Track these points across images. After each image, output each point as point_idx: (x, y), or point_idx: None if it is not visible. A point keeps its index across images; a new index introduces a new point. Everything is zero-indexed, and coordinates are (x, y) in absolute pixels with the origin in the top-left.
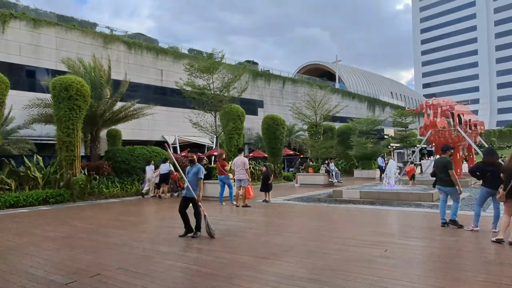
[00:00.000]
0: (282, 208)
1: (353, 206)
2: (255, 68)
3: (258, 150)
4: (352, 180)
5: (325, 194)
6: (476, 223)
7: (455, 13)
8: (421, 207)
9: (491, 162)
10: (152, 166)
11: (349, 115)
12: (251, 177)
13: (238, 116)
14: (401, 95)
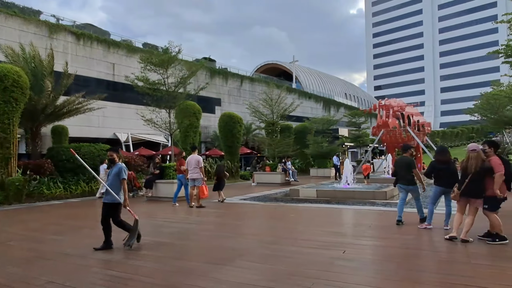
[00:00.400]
0: (238, 208)
1: (310, 205)
2: (212, 66)
3: (215, 148)
4: (308, 179)
5: (282, 193)
6: (430, 221)
7: (404, 19)
8: (375, 205)
9: (444, 160)
10: (105, 165)
11: (305, 115)
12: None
13: (194, 113)
14: (355, 96)
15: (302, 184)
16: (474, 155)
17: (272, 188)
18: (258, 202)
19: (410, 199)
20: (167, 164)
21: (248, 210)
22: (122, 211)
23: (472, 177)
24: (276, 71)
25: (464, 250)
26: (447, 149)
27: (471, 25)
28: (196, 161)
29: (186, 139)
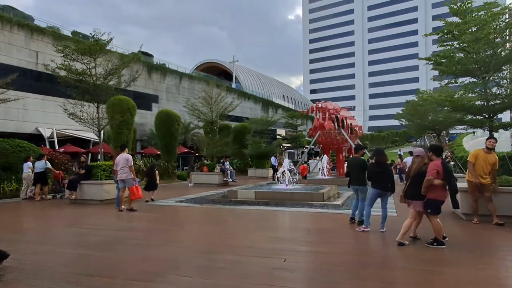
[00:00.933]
0: (173, 212)
1: (248, 207)
2: (150, 61)
3: (151, 147)
4: (246, 179)
5: (220, 195)
6: (367, 223)
7: (337, 28)
8: (313, 207)
9: (381, 162)
10: (30, 163)
11: (244, 115)
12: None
13: (128, 109)
14: (292, 98)
15: (240, 185)
16: (417, 160)
17: (209, 189)
18: (195, 205)
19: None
20: (95, 163)
21: (183, 214)
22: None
23: (412, 180)
24: (216, 70)
25: (403, 254)
26: (383, 151)
27: (396, 37)
28: (124, 160)
29: (119, 137)
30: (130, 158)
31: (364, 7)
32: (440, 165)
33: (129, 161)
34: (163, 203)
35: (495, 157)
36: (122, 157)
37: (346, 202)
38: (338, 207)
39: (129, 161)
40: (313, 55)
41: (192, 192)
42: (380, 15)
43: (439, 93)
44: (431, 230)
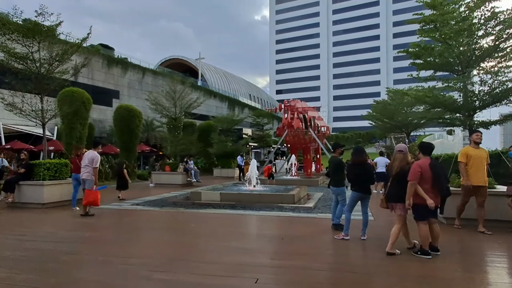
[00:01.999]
0: (128, 217)
1: (213, 211)
2: (110, 54)
3: (110, 145)
4: (211, 179)
5: (183, 196)
6: (347, 231)
7: (303, 30)
8: (283, 210)
9: (360, 161)
10: None
11: (210, 114)
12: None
13: (82, 102)
14: (259, 98)
15: (205, 185)
16: (400, 156)
17: (171, 190)
18: (153, 208)
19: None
20: (37, 161)
21: (138, 220)
22: None
23: (393, 180)
24: (181, 67)
25: (390, 267)
26: (363, 150)
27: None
28: (89, 159)
29: (72, 132)
30: (97, 158)
31: (329, 11)
32: (426, 166)
33: (94, 161)
34: (117, 206)
35: (486, 151)
36: (88, 155)
37: (318, 205)
38: (311, 210)
39: (94, 161)
40: (280, 55)
41: (152, 194)
42: (344, 19)
43: (415, 90)
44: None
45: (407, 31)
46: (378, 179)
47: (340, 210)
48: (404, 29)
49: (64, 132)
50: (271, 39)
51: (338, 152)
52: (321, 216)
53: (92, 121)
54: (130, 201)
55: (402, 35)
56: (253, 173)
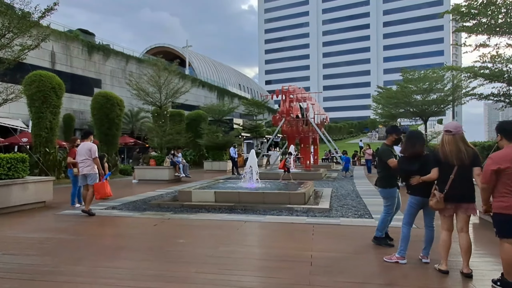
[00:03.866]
0: (96, 228)
1: (207, 217)
2: (90, 40)
3: None
4: (201, 173)
5: (170, 196)
6: (403, 252)
7: (293, 19)
8: (295, 214)
9: (417, 153)
10: None
11: (198, 104)
12: None
13: (52, 88)
14: (249, 88)
15: (195, 181)
16: (450, 138)
17: (157, 187)
18: (133, 214)
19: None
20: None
21: (109, 233)
22: None
23: (457, 173)
24: (168, 56)
25: None
26: (421, 136)
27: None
28: (86, 150)
29: (40, 122)
30: (94, 148)
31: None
32: (509, 158)
33: (92, 151)
34: (93, 209)
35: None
36: (83, 147)
37: (333, 205)
38: (328, 212)
39: (92, 152)
40: (269, 45)
41: (135, 192)
42: (334, 8)
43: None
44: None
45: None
46: None
47: (383, 219)
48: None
49: (33, 122)
50: (260, 28)
51: (390, 140)
52: (346, 223)
53: (72, 112)
54: (106, 202)
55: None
56: (253, 166)
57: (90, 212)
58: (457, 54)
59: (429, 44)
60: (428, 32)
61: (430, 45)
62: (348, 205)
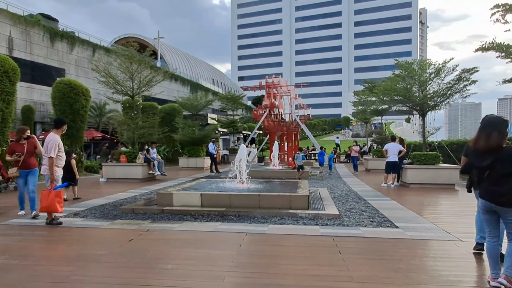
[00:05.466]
0: (54, 243)
1: (195, 228)
2: (53, 26)
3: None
4: (177, 171)
5: (144, 197)
6: (493, 271)
7: (266, 15)
8: (301, 222)
9: (488, 147)
10: None
11: (171, 98)
12: None
13: (5, 72)
14: (222, 83)
15: (171, 180)
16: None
17: (129, 187)
18: (100, 223)
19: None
20: None
21: (71, 251)
22: None
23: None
24: (139, 47)
25: None
26: (500, 122)
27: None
28: (46, 144)
29: None
30: (52, 143)
31: None
32: None
33: (48, 147)
34: (41, 220)
35: None
36: (48, 139)
37: (340, 209)
38: (339, 219)
39: (49, 148)
40: (242, 41)
41: (102, 193)
42: (307, 5)
43: None
44: None
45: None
46: (389, 169)
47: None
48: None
49: None
50: (233, 23)
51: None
52: (370, 234)
53: (32, 104)
54: (68, 207)
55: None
56: (243, 162)
57: (54, 222)
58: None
59: (398, 44)
60: (397, 33)
61: (399, 46)
62: (357, 210)
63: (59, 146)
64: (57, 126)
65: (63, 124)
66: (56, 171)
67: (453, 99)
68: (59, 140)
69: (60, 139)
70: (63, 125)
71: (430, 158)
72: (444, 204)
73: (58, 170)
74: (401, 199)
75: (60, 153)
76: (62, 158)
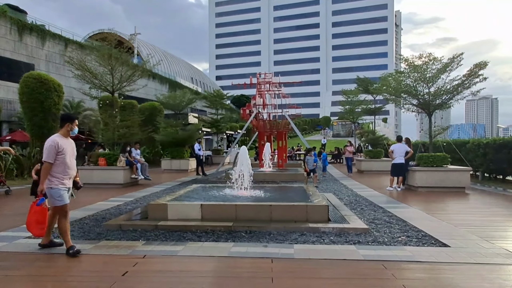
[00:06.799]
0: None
1: (203, 250)
2: (21, 18)
3: (22, 130)
4: (159, 174)
5: (130, 207)
6: None
7: (244, 14)
8: (328, 239)
9: None
10: None
11: (149, 97)
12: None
13: None
14: (201, 82)
15: (156, 184)
16: None
17: (110, 195)
18: (82, 245)
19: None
20: None
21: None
22: None
23: None
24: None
25: None
26: None
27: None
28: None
29: None
30: (50, 144)
31: None
32: None
33: (44, 150)
34: (6, 242)
35: None
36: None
37: (363, 218)
38: (369, 235)
39: (44, 151)
40: (220, 40)
41: (80, 203)
42: (285, 5)
43: None
44: None
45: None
46: (395, 172)
47: None
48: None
49: None
50: (211, 22)
51: None
52: (425, 258)
53: None
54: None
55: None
56: (245, 167)
57: (71, 251)
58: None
59: (375, 45)
60: (374, 34)
61: (376, 47)
62: (380, 221)
63: (58, 147)
64: (60, 125)
65: (66, 121)
66: (53, 182)
67: (462, 96)
68: (57, 140)
69: (62, 140)
70: (66, 122)
71: (438, 159)
72: (474, 212)
73: (55, 181)
74: (420, 205)
75: (61, 157)
76: (65, 165)
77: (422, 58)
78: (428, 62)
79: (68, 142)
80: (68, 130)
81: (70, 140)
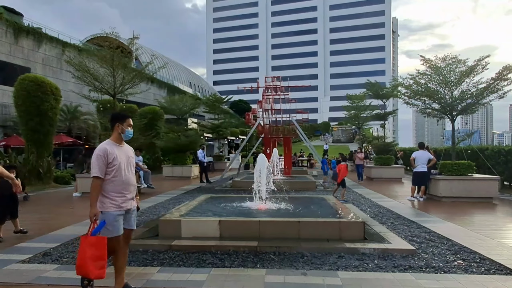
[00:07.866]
0: None
1: (228, 280)
2: (17, 21)
3: (17, 135)
4: (161, 181)
5: (138, 223)
6: None
7: (242, 19)
8: (372, 262)
9: None
10: None
11: (147, 102)
12: None
13: None
14: (200, 86)
15: (160, 193)
16: None
17: None
18: (65, 275)
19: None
20: None
21: None
22: None
23: None
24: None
25: None
26: None
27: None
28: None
29: None
30: (97, 153)
31: (268, 2)
32: None
33: (92, 162)
34: None
35: None
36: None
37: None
38: (418, 257)
39: (92, 164)
40: (217, 45)
41: (77, 215)
42: (283, 11)
43: None
44: None
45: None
46: (417, 181)
47: None
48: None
49: None
50: (208, 27)
51: None
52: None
53: None
54: (24, 243)
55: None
56: (263, 176)
57: (85, 282)
58: (394, 63)
59: (372, 51)
60: (371, 40)
61: (373, 53)
62: (421, 238)
63: (108, 157)
64: (111, 127)
65: (115, 121)
66: (104, 204)
67: (488, 100)
68: (106, 148)
69: (113, 147)
70: (115, 122)
71: (463, 167)
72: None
73: (108, 202)
74: (453, 218)
75: (112, 169)
76: (120, 180)
77: (446, 60)
78: (451, 64)
79: (123, 149)
80: (119, 133)
81: (125, 147)
